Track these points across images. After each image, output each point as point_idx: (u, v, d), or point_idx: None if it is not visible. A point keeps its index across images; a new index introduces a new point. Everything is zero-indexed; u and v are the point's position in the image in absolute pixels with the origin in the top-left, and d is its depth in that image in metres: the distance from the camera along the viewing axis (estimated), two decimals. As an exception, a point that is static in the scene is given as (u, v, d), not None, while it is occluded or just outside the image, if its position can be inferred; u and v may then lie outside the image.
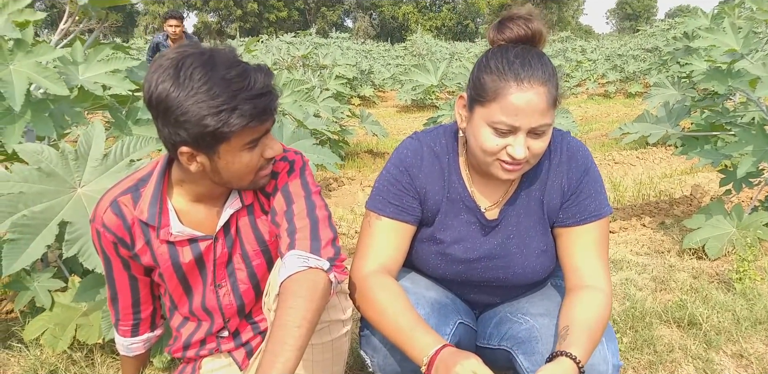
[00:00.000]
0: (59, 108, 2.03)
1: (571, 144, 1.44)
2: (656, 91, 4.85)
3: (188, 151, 1.15)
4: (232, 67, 1.10)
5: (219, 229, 1.35)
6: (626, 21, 63.57)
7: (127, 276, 1.41)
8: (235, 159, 1.18)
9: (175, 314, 1.49)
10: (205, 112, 1.07)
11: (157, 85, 1.08)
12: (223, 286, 1.41)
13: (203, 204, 1.34)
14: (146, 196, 1.29)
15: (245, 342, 1.49)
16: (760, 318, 2.20)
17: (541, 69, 1.24)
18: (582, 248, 1.40)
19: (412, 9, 56.98)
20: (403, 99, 11.53)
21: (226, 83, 1.08)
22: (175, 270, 1.36)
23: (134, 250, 1.34)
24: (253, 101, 1.10)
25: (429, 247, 1.49)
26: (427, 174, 1.43)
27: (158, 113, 1.11)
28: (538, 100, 1.22)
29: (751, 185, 3.22)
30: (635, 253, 3.18)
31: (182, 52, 1.11)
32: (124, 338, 1.53)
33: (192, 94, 1.07)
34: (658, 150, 6.72)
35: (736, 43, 3.04)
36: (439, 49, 17.52)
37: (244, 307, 1.45)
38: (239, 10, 51.97)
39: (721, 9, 6.07)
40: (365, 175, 5.80)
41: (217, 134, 1.10)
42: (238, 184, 1.27)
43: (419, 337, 1.22)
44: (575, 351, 1.18)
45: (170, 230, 1.31)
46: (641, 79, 13.93)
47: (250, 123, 1.11)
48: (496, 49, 1.29)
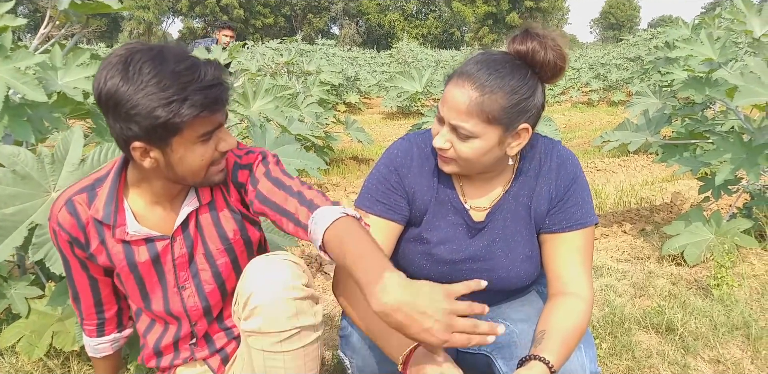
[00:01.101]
0: (38, 113, 2.01)
1: (561, 152, 1.46)
2: (638, 100, 4.92)
3: (141, 146, 1.14)
4: (181, 61, 1.11)
5: (176, 229, 1.33)
6: (610, 30, 64.30)
7: (87, 277, 1.39)
8: (188, 152, 1.18)
9: (141, 317, 1.47)
10: (156, 103, 1.07)
11: (106, 81, 1.08)
12: (187, 288, 1.39)
13: (160, 205, 1.33)
14: (102, 195, 1.29)
15: (220, 348, 1.48)
16: (737, 323, 2.23)
17: (487, 77, 1.24)
18: (566, 255, 1.41)
19: (399, 17, 57.23)
20: (388, 106, 11.56)
21: (176, 76, 1.08)
22: (131, 271, 1.34)
23: (89, 250, 1.32)
24: (203, 91, 1.10)
25: (415, 247, 1.49)
26: (416, 174, 1.45)
27: (108, 109, 1.11)
28: (460, 100, 1.24)
29: (729, 192, 3.26)
30: (616, 260, 3.21)
31: (131, 49, 1.11)
32: (90, 338, 1.52)
33: (142, 88, 1.07)
34: (640, 158, 6.79)
35: (713, 53, 3.09)
36: (425, 57, 17.60)
37: (211, 309, 1.43)
38: (225, 16, 51.88)
39: (701, 19, 6.17)
40: (350, 181, 5.80)
41: (169, 125, 1.10)
42: (193, 180, 1.26)
43: (396, 335, 1.22)
44: (548, 356, 1.18)
45: (126, 229, 1.30)
46: (624, 87, 14.08)
47: (201, 113, 1.11)
48: (487, 49, 1.34)
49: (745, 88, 2.63)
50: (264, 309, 1.19)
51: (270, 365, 1.24)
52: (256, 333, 1.22)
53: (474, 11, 48.90)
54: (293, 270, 1.24)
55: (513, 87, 1.25)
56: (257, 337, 1.22)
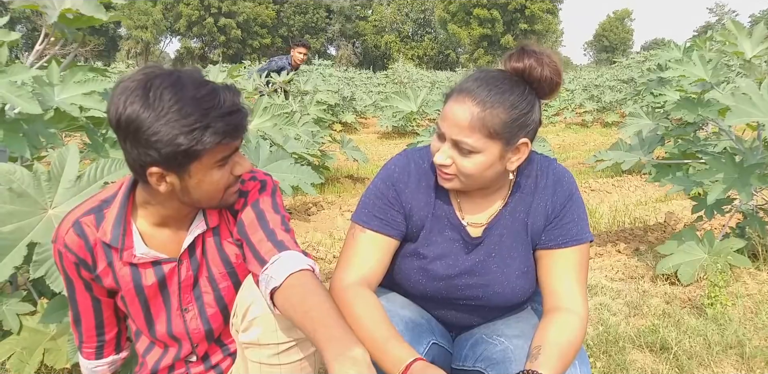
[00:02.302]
0: (33, 128, 2.01)
1: (557, 169, 1.48)
2: (631, 121, 4.97)
3: (158, 171, 1.14)
4: (201, 86, 1.11)
5: (183, 251, 1.33)
6: (603, 53, 65.00)
7: (90, 298, 1.38)
8: (206, 177, 1.18)
9: (140, 338, 1.46)
10: (177, 131, 1.07)
11: (126, 106, 1.08)
12: (190, 310, 1.38)
13: (168, 227, 1.32)
14: (110, 218, 1.28)
15: (215, 364, 1.47)
16: (731, 342, 2.22)
17: (487, 93, 1.26)
18: (561, 271, 1.41)
19: (395, 38, 57.79)
20: (384, 125, 11.63)
21: (197, 102, 1.08)
22: (137, 294, 1.34)
23: (96, 272, 1.31)
24: (224, 119, 1.11)
25: (411, 262, 1.49)
26: (413, 190, 1.45)
27: (127, 134, 1.10)
28: (462, 115, 1.26)
29: (722, 212, 3.28)
30: (610, 279, 3.21)
31: (149, 74, 1.11)
32: (89, 361, 1.50)
33: (163, 114, 1.07)
34: (634, 178, 6.83)
35: (705, 74, 3.13)
36: (420, 78, 17.77)
37: (213, 332, 1.42)
38: (223, 36, 52.34)
39: (693, 42, 6.26)
40: (345, 199, 5.80)
41: (190, 152, 1.10)
42: (208, 204, 1.26)
43: (393, 350, 1.21)
44: (544, 371, 1.18)
45: (134, 252, 1.29)
46: (618, 109, 14.20)
47: (223, 140, 1.11)
48: (484, 67, 1.37)
49: (736, 108, 2.67)
50: (262, 320, 1.19)
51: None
52: (254, 345, 1.21)
53: (469, 33, 49.47)
54: None
55: (513, 102, 1.27)
56: (255, 349, 1.22)
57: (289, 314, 1.13)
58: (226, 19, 51.65)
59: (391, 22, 58.29)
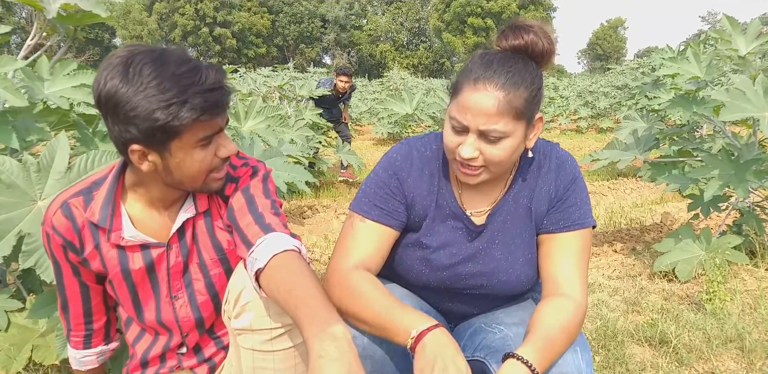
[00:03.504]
0: (22, 122, 1.99)
1: (560, 153, 1.45)
2: (626, 124, 4.97)
3: (139, 148, 1.12)
4: (183, 63, 1.09)
5: (172, 236, 1.30)
6: (597, 61, 65.35)
7: (78, 283, 1.35)
8: (187, 156, 1.16)
9: (131, 327, 1.43)
10: (155, 105, 1.06)
11: (106, 82, 1.07)
12: (180, 298, 1.35)
13: (157, 210, 1.30)
14: (99, 199, 1.26)
15: (208, 357, 1.43)
16: (731, 336, 2.20)
17: (505, 75, 1.24)
18: (561, 256, 1.38)
19: (390, 47, 57.99)
20: (379, 132, 11.64)
21: (177, 78, 1.07)
22: (124, 278, 1.31)
23: (83, 255, 1.29)
24: (204, 95, 1.09)
25: (414, 253, 1.46)
26: (416, 178, 1.42)
27: (108, 110, 1.09)
28: (488, 103, 1.22)
29: (718, 209, 3.27)
30: (607, 277, 3.18)
31: (132, 51, 1.10)
32: (77, 350, 1.47)
33: (142, 89, 1.05)
34: (629, 181, 6.83)
35: (699, 71, 3.13)
36: (415, 85, 17.80)
37: (203, 321, 1.39)
38: (218, 45, 52.45)
39: (687, 45, 6.29)
40: (340, 203, 5.79)
41: (168, 128, 1.08)
42: (191, 185, 1.23)
43: (407, 314, 1.18)
44: (526, 354, 1.14)
45: (122, 234, 1.27)
46: (612, 115, 14.25)
47: (201, 116, 1.09)
48: (482, 52, 1.31)
49: (731, 104, 2.66)
50: (255, 304, 1.16)
51: (259, 365, 1.20)
52: (247, 331, 1.18)
53: (464, 42, 49.72)
54: None
55: (529, 79, 1.25)
56: (247, 335, 1.19)
57: (273, 295, 1.10)
58: (221, 28, 51.80)
59: (386, 31, 58.54)
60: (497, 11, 48.15)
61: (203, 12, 50.97)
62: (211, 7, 50.72)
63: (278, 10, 56.59)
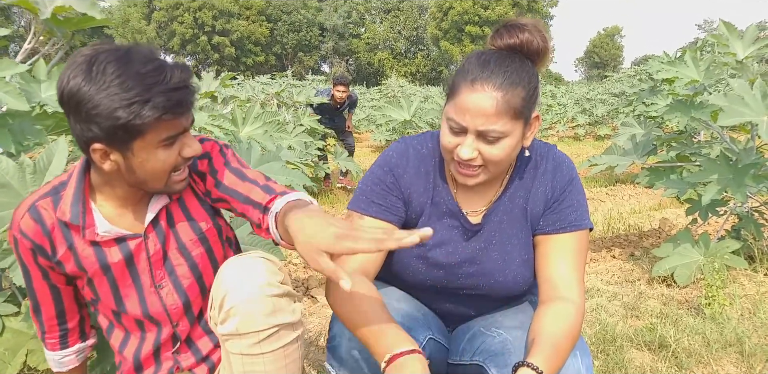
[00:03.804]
0: (19, 125, 1.98)
1: (557, 155, 1.45)
2: (624, 130, 4.97)
3: (101, 148, 1.11)
4: (147, 62, 1.09)
5: (147, 226, 1.29)
6: (594, 69, 65.57)
7: (48, 286, 1.33)
8: (150, 156, 1.15)
9: (113, 332, 1.40)
10: (117, 104, 1.05)
11: (69, 80, 1.06)
12: (164, 286, 1.34)
13: (127, 208, 1.29)
14: (67, 198, 1.24)
15: (206, 355, 1.41)
16: (730, 340, 2.19)
17: (503, 75, 1.23)
18: (558, 257, 1.37)
19: (388, 55, 58.15)
20: (377, 139, 11.63)
21: (140, 77, 1.06)
22: (104, 273, 1.29)
23: (56, 258, 1.27)
24: (167, 94, 1.08)
25: (410, 251, 1.45)
26: (412, 175, 1.42)
27: (70, 108, 1.08)
28: (487, 103, 1.21)
29: (717, 214, 3.26)
30: (606, 282, 3.17)
31: (97, 49, 1.09)
32: (54, 352, 1.44)
33: (104, 88, 1.05)
34: (627, 187, 6.83)
35: (698, 75, 3.14)
36: (413, 93, 17.80)
37: (191, 305, 1.37)
38: (216, 54, 52.55)
39: (683, 51, 6.31)
40: (338, 209, 5.78)
41: (130, 127, 1.07)
42: (153, 186, 1.22)
43: (390, 335, 1.17)
44: (538, 362, 1.14)
45: (96, 230, 1.25)
46: (610, 122, 14.28)
47: (163, 115, 1.08)
48: (477, 52, 1.31)
49: (729, 109, 2.66)
50: (239, 308, 1.14)
51: (249, 369, 1.19)
52: (234, 336, 1.16)
53: (461, 50, 49.89)
54: (267, 268, 1.19)
55: (526, 78, 1.25)
56: (235, 340, 1.17)
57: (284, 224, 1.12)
58: (219, 37, 51.92)
59: (384, 39, 58.75)
60: (495, 20, 48.35)
61: (202, 20, 51.12)
62: (210, 15, 50.88)
63: (277, 18, 56.79)
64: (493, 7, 48.31)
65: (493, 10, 48.29)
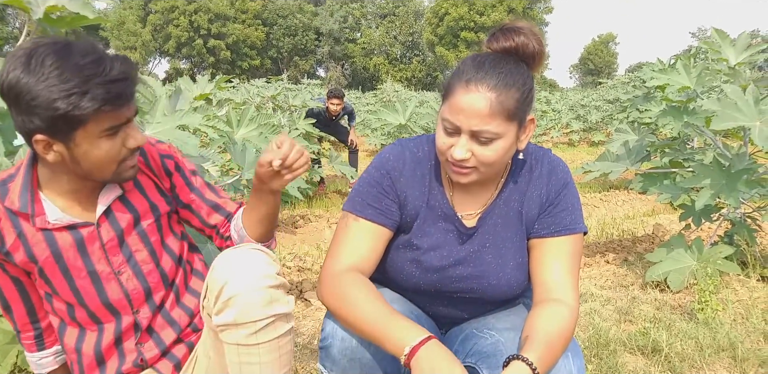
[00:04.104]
0: (9, 126, 1.97)
1: (552, 158, 1.46)
2: (618, 136, 4.99)
3: (43, 139, 1.12)
4: (87, 54, 1.10)
5: (99, 216, 1.29)
6: (589, 76, 65.82)
7: (10, 280, 1.32)
8: (93, 146, 1.15)
9: (66, 330, 1.37)
10: (56, 95, 1.06)
11: (9, 72, 1.08)
12: (123, 272, 1.33)
13: (77, 201, 1.28)
14: (15, 187, 1.24)
15: (168, 346, 1.39)
16: (723, 345, 2.19)
17: (497, 77, 1.24)
18: (552, 261, 1.38)
19: (383, 60, 58.23)
20: (372, 144, 11.65)
21: (79, 69, 1.08)
22: (56, 261, 1.27)
23: (5, 248, 1.25)
24: (106, 86, 1.09)
25: (405, 254, 1.45)
26: (408, 178, 1.42)
27: (10, 100, 1.10)
28: (481, 104, 1.22)
29: (710, 219, 3.27)
30: (599, 287, 3.18)
31: (37, 42, 1.11)
32: (31, 353, 1.43)
33: (43, 79, 1.06)
34: (621, 193, 6.86)
35: (690, 82, 3.15)
36: (409, 98, 17.82)
37: (152, 292, 1.36)
38: (212, 57, 52.51)
39: (677, 59, 6.35)
40: (333, 213, 5.77)
41: (69, 118, 1.08)
42: (100, 175, 1.22)
43: (400, 325, 1.18)
44: (531, 357, 1.14)
45: (46, 218, 1.25)
46: (604, 128, 14.34)
47: (102, 107, 1.09)
48: (474, 54, 1.32)
49: (722, 113, 2.68)
50: (239, 299, 1.15)
51: (245, 360, 1.19)
52: (231, 326, 1.17)
53: (457, 56, 50.03)
54: (265, 259, 1.21)
55: (521, 80, 1.26)
56: (231, 330, 1.17)
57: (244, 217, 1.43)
58: (215, 40, 51.91)
59: (380, 44, 58.86)
60: (490, 26, 48.51)
61: (197, 24, 51.11)
62: (206, 19, 50.88)
63: (273, 22, 56.85)
64: (489, 13, 48.50)
65: (488, 16, 48.48)
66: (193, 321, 1.43)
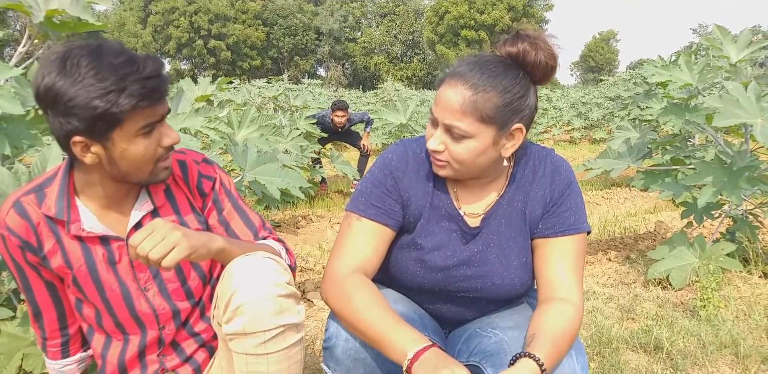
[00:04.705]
0: (14, 129, 1.98)
1: (555, 158, 1.46)
2: (619, 134, 4.99)
3: (81, 140, 1.13)
4: (119, 54, 1.11)
5: (130, 231, 1.29)
6: (590, 73, 65.76)
7: (44, 285, 1.33)
8: (130, 146, 1.16)
9: (94, 336, 1.39)
10: (94, 94, 1.07)
11: (44, 76, 1.08)
12: (150, 289, 1.34)
13: (112, 209, 1.29)
14: (52, 194, 1.25)
15: (190, 355, 1.41)
16: (725, 342, 2.19)
17: (479, 77, 1.25)
18: (557, 260, 1.39)
19: (384, 60, 58.24)
20: (373, 143, 11.65)
21: (114, 68, 1.09)
22: (89, 270, 1.29)
23: (43, 252, 1.26)
24: (141, 82, 1.10)
25: (408, 254, 1.46)
26: (411, 179, 1.43)
27: (47, 103, 1.10)
28: (454, 99, 1.24)
29: (711, 217, 3.27)
30: (602, 285, 3.18)
31: (69, 46, 1.12)
32: (55, 361, 1.43)
33: (79, 80, 1.07)
34: (623, 190, 6.85)
35: (691, 78, 3.15)
36: (410, 96, 17.82)
37: (179, 311, 1.37)
38: (212, 58, 52.56)
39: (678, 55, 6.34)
40: (335, 213, 5.78)
41: (108, 116, 1.09)
42: (137, 176, 1.23)
43: (403, 333, 1.19)
44: (538, 354, 1.15)
45: (81, 225, 1.25)
46: (605, 126, 14.33)
47: (139, 103, 1.11)
48: (478, 53, 1.34)
49: (724, 110, 2.67)
50: (248, 307, 1.15)
51: (253, 370, 1.19)
52: (239, 335, 1.17)
53: (457, 54, 49.98)
54: (276, 268, 1.21)
55: (505, 86, 1.25)
56: (240, 339, 1.17)
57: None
58: (215, 41, 51.95)
59: (380, 43, 58.86)
60: (490, 24, 48.52)
61: (198, 24, 51.14)
62: (206, 19, 50.91)
63: (273, 22, 56.86)
64: (489, 11, 48.45)
65: (488, 14, 48.44)
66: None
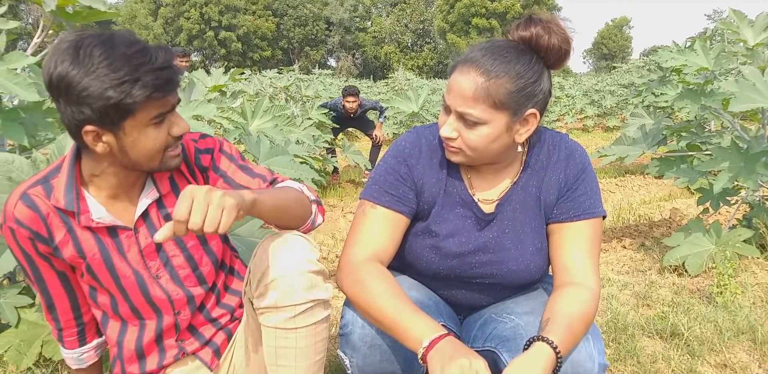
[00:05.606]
0: (31, 118, 2.00)
1: (569, 143, 1.46)
2: (633, 121, 4.95)
3: (93, 129, 1.13)
4: (132, 44, 1.11)
5: (137, 220, 1.30)
6: (602, 60, 65.14)
7: (56, 275, 1.33)
8: (141, 135, 1.16)
9: (108, 324, 1.39)
10: (107, 84, 1.07)
11: (57, 65, 1.08)
12: (162, 276, 1.35)
13: (119, 198, 1.29)
14: (59, 185, 1.25)
15: (209, 339, 1.42)
16: (743, 328, 2.18)
17: (491, 62, 1.24)
18: (572, 245, 1.38)
19: (394, 49, 57.98)
20: (385, 132, 11.63)
21: (127, 58, 1.09)
22: (104, 259, 1.29)
23: (54, 243, 1.26)
24: (155, 73, 1.10)
25: (423, 241, 1.46)
26: (424, 165, 1.43)
27: (60, 92, 1.10)
28: (466, 86, 1.24)
29: (728, 203, 3.24)
30: (617, 272, 3.17)
31: (81, 35, 1.11)
32: (73, 350, 1.44)
33: (93, 70, 1.07)
34: (637, 178, 6.81)
35: (707, 63, 3.11)
36: (420, 86, 17.74)
37: (193, 296, 1.38)
38: (223, 49, 52.59)
39: (693, 41, 6.26)
40: (347, 203, 5.79)
41: (121, 106, 1.09)
42: (148, 165, 1.23)
43: (418, 321, 1.19)
44: (553, 338, 1.15)
45: (90, 216, 1.26)
46: (619, 113, 14.21)
47: (153, 93, 1.11)
48: (490, 39, 1.34)
49: (740, 95, 2.64)
50: (280, 282, 1.18)
51: (281, 345, 1.22)
52: (271, 309, 1.20)
53: (468, 43, 49.64)
54: (307, 245, 1.24)
55: (518, 71, 1.24)
56: (271, 313, 1.21)
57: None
58: (226, 32, 51.95)
59: (391, 33, 58.58)
60: (502, 11, 48.12)
61: (208, 16, 51.16)
62: (216, 10, 50.90)
63: (283, 13, 56.76)
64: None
65: (500, 2, 48.03)
66: (234, 315, 1.46)
